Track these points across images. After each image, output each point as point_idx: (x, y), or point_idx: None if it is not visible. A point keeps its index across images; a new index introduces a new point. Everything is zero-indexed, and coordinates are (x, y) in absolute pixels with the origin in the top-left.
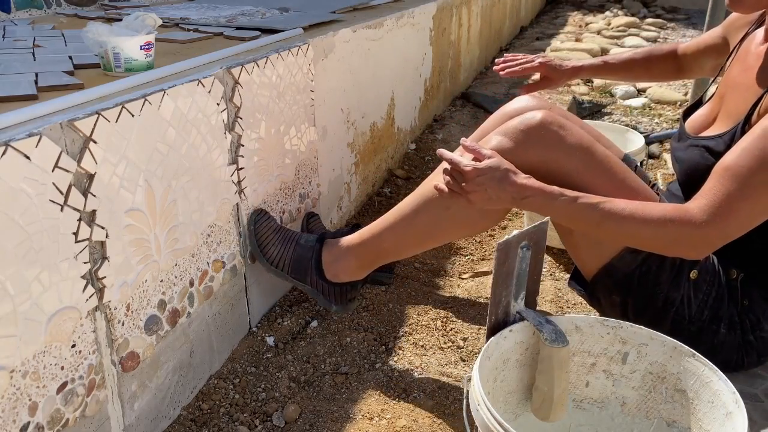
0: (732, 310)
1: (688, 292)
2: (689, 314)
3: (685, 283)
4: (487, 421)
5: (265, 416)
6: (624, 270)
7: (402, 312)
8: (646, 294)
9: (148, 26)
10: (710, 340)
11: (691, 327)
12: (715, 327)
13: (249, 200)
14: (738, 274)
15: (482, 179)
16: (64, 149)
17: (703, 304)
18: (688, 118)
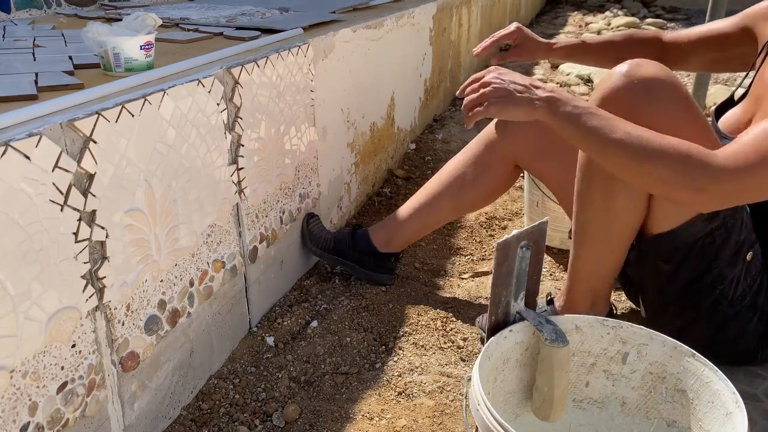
0: (765, 300)
1: (740, 274)
2: (733, 295)
3: (741, 264)
4: (487, 421)
5: (265, 416)
6: (688, 238)
7: (402, 312)
8: (702, 266)
9: (148, 26)
10: (741, 327)
11: (729, 309)
12: (750, 315)
13: (249, 200)
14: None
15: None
16: (64, 149)
17: (748, 288)
18: (721, 117)
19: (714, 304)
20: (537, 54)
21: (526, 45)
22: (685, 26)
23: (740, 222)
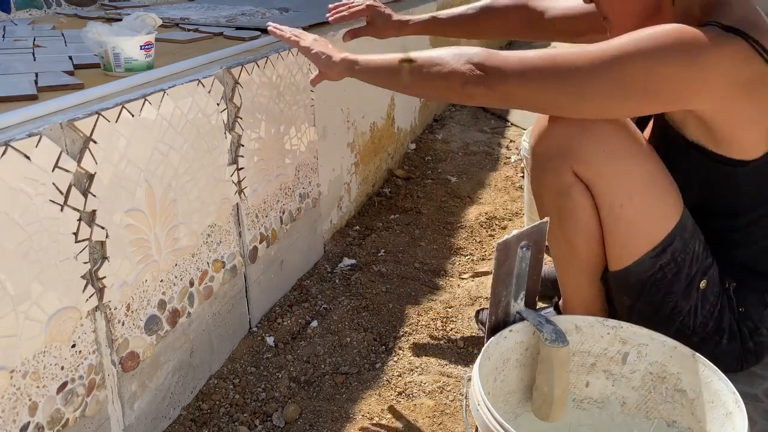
0: (731, 320)
1: (696, 303)
2: (694, 324)
3: (695, 294)
4: (487, 421)
5: (265, 416)
6: (640, 274)
7: (402, 312)
8: (657, 300)
9: (148, 26)
10: (711, 351)
11: (693, 338)
12: (717, 339)
13: (249, 200)
14: (730, 284)
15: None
16: (64, 149)
17: (709, 315)
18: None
19: (678, 334)
20: (388, 32)
21: (376, 22)
22: None
23: (691, 255)
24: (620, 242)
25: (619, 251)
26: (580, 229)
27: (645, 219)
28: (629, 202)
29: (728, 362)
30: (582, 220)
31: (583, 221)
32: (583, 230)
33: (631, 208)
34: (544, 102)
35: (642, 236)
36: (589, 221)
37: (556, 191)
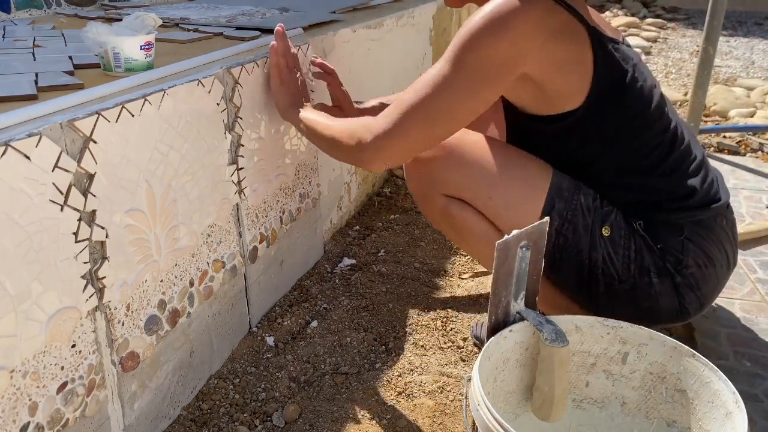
0: (654, 258)
1: (607, 250)
2: (616, 272)
3: (601, 241)
4: (487, 421)
5: (265, 416)
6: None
7: (402, 312)
8: (574, 264)
9: (148, 26)
10: (647, 294)
11: (624, 286)
12: (647, 279)
13: (249, 200)
14: (637, 223)
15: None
16: (64, 149)
17: (626, 258)
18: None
19: (609, 288)
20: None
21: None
22: (684, 26)
23: (580, 208)
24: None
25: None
26: (478, 234)
27: (517, 199)
28: (495, 193)
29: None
30: (474, 226)
31: (475, 227)
32: (480, 234)
33: (499, 197)
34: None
35: (523, 213)
36: (480, 224)
37: (441, 215)
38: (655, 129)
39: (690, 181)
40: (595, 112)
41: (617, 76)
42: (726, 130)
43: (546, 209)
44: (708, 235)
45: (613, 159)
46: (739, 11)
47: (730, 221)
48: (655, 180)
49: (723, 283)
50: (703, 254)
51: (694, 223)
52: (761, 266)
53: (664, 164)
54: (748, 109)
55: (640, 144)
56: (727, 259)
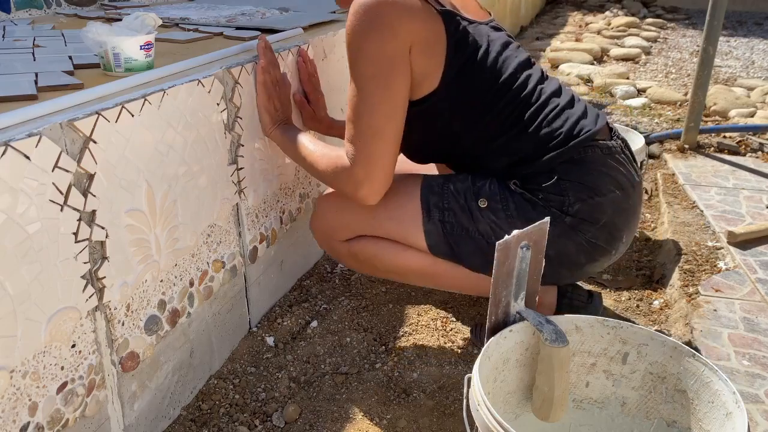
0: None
1: (489, 218)
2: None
3: (480, 213)
4: (487, 422)
5: (265, 416)
6: (438, 239)
7: (402, 312)
8: (470, 245)
9: (148, 26)
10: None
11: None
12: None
13: (249, 200)
14: (514, 184)
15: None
16: (64, 149)
17: (511, 218)
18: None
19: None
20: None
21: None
22: (684, 26)
23: (452, 195)
24: (403, 235)
25: (412, 240)
26: (387, 254)
27: (396, 208)
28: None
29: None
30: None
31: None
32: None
33: (381, 213)
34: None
35: (407, 218)
36: (381, 244)
37: (352, 261)
38: (510, 95)
39: (549, 127)
40: (450, 90)
41: (469, 52)
42: (726, 130)
43: (424, 206)
44: (582, 169)
45: (477, 129)
46: (739, 11)
47: (609, 147)
48: (518, 138)
49: (627, 207)
50: (582, 187)
51: (565, 162)
52: (761, 266)
53: (522, 122)
54: (748, 109)
55: (497, 111)
56: (617, 182)
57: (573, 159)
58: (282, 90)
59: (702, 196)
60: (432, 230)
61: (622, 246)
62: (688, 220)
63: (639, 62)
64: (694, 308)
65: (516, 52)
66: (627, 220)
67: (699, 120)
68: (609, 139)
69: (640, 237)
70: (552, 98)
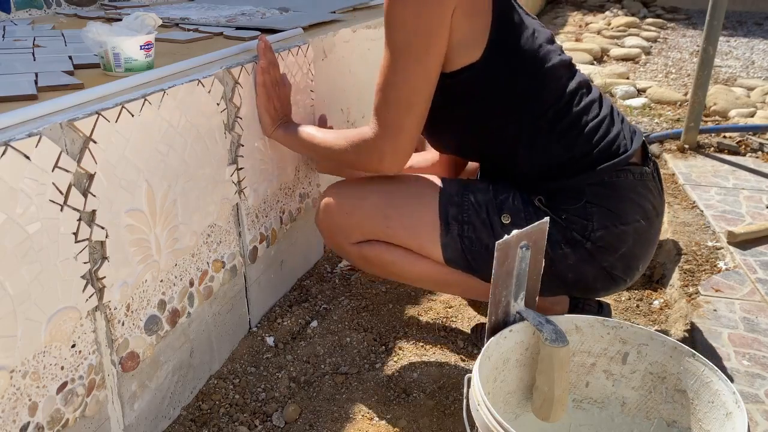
0: (560, 230)
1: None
2: None
3: (503, 231)
4: (487, 422)
5: (265, 416)
6: (456, 254)
7: (402, 312)
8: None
9: (148, 26)
10: (567, 266)
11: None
12: (561, 251)
13: (249, 200)
14: (539, 200)
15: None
16: (64, 149)
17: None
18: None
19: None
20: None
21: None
22: (684, 26)
23: (473, 207)
24: (417, 246)
25: (428, 251)
26: (396, 262)
27: (412, 218)
28: (392, 221)
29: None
30: (389, 257)
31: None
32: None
33: (396, 222)
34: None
35: (424, 229)
36: (394, 252)
37: (362, 262)
38: (550, 88)
39: (586, 139)
40: (491, 66)
41: (515, 29)
42: (726, 130)
43: (442, 218)
44: (612, 194)
45: (513, 118)
46: (739, 11)
47: (642, 173)
48: (551, 141)
49: (648, 237)
50: (609, 214)
51: (596, 185)
52: (761, 266)
53: (560, 124)
54: (748, 109)
55: (534, 102)
56: (644, 211)
57: (604, 182)
58: (282, 90)
59: (702, 196)
60: (450, 244)
61: (637, 274)
62: (688, 220)
63: (639, 62)
64: (694, 308)
65: (559, 51)
66: (646, 250)
67: (699, 120)
68: (642, 161)
69: None
70: (593, 106)
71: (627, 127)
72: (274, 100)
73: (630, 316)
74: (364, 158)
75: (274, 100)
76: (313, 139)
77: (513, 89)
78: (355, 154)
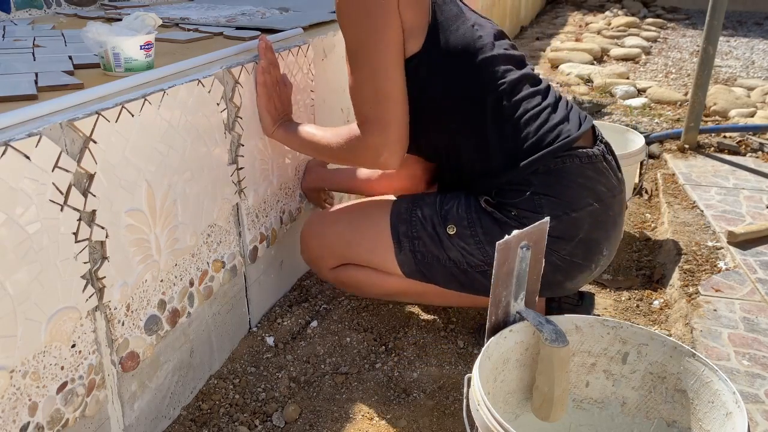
0: (505, 228)
1: (459, 245)
2: (480, 259)
3: (450, 242)
4: (487, 422)
5: (265, 416)
6: (412, 268)
7: (402, 312)
8: (445, 272)
9: (148, 26)
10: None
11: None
12: None
13: (249, 200)
14: (486, 201)
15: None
16: (64, 149)
17: (479, 243)
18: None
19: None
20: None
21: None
22: (684, 26)
23: (419, 222)
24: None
25: (389, 269)
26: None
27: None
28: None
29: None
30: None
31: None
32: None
33: (358, 246)
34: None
35: (380, 249)
36: (366, 272)
37: (340, 284)
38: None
39: (524, 127)
40: (429, 55)
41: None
42: (726, 130)
43: (394, 237)
44: (558, 181)
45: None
46: (739, 11)
47: (589, 156)
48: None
49: (606, 219)
50: (557, 202)
51: (541, 173)
52: (761, 266)
53: (498, 113)
54: (748, 109)
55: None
56: (596, 194)
57: (549, 169)
58: (282, 90)
59: (702, 196)
60: (404, 260)
61: (604, 259)
62: (688, 220)
63: (639, 62)
64: (694, 308)
65: (509, 47)
66: (606, 232)
67: (699, 120)
68: (591, 145)
69: (640, 237)
70: (535, 97)
71: (575, 114)
72: (274, 99)
73: (630, 316)
74: (360, 157)
75: (274, 99)
76: (312, 137)
77: (450, 78)
78: (351, 153)
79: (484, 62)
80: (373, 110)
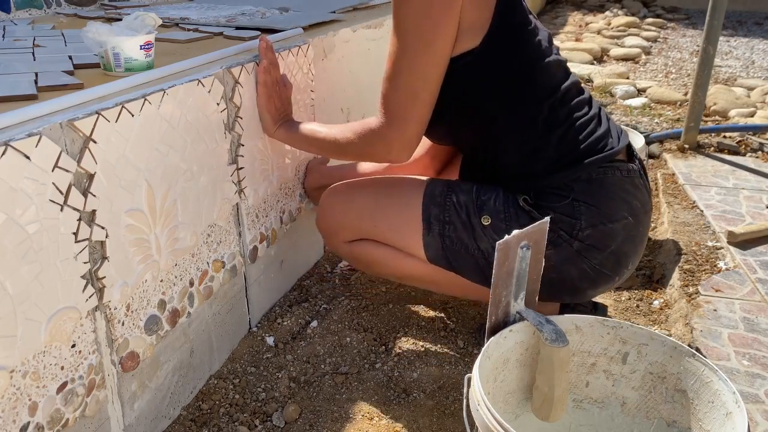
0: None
1: (491, 237)
2: None
3: (483, 232)
4: (487, 421)
5: (265, 416)
6: (437, 253)
7: (402, 312)
8: (469, 260)
9: (148, 26)
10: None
11: None
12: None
13: (249, 200)
14: (524, 200)
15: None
16: (64, 149)
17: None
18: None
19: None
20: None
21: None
22: (684, 26)
23: (454, 208)
24: (402, 245)
25: (412, 250)
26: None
27: (397, 218)
28: (378, 221)
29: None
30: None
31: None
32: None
33: (383, 222)
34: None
35: (407, 228)
36: (384, 251)
37: (352, 260)
38: (544, 82)
39: (575, 135)
40: (489, 52)
41: (515, 23)
42: (726, 130)
43: (425, 218)
44: (599, 191)
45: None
46: (739, 11)
47: (629, 170)
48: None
49: (636, 234)
50: (597, 212)
51: (583, 181)
52: (761, 266)
53: (551, 119)
54: (748, 109)
55: (526, 94)
56: (632, 208)
57: (591, 179)
58: (283, 90)
59: (702, 196)
60: (431, 243)
61: (627, 273)
62: (688, 220)
63: (639, 62)
64: (694, 308)
65: (557, 51)
66: (635, 247)
67: (699, 120)
68: (628, 160)
69: None
70: (584, 105)
71: (614, 127)
72: (275, 99)
73: (630, 316)
74: (371, 149)
75: (275, 99)
76: (317, 134)
77: (506, 78)
78: (361, 145)
79: (544, 67)
80: (401, 104)
